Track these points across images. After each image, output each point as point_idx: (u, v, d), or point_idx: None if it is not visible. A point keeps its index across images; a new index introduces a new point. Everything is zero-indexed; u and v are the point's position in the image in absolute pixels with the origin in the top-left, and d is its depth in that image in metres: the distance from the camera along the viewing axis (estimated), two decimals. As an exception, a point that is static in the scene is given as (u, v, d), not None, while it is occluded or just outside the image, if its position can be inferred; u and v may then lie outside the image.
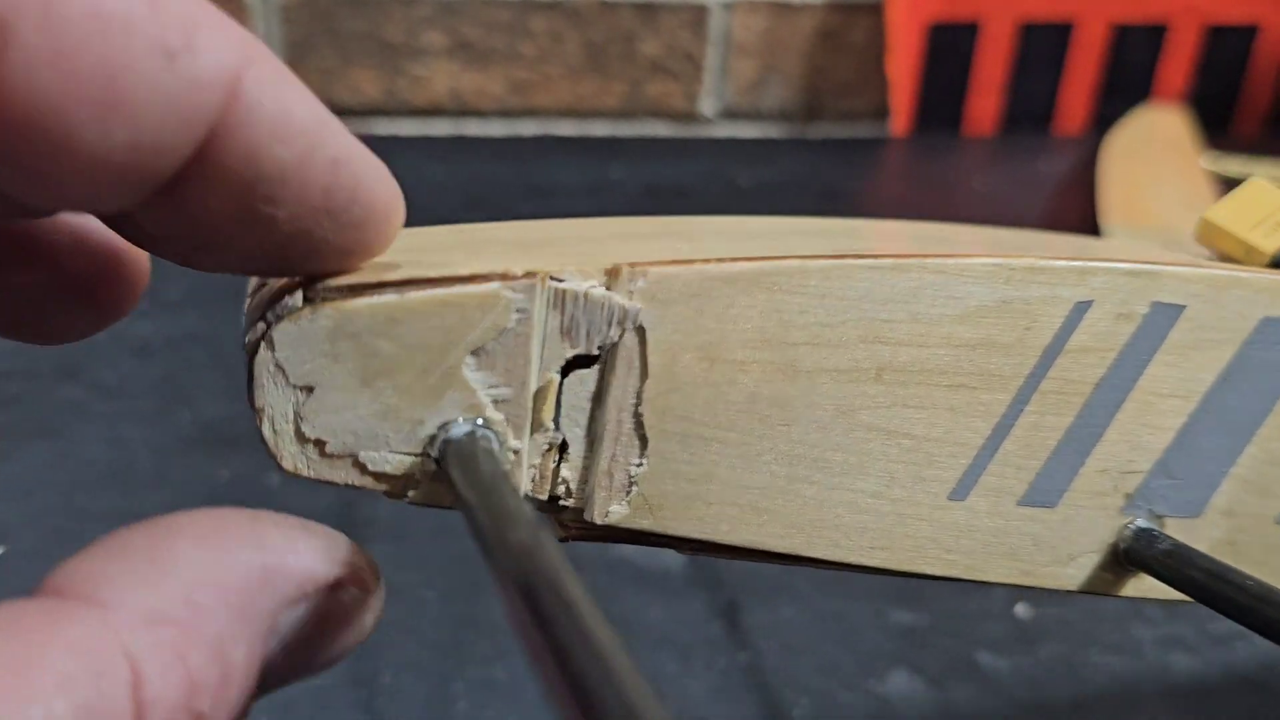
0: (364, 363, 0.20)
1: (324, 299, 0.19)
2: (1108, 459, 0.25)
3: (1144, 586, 0.26)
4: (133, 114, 0.16)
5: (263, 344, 0.19)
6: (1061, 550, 0.25)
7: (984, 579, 0.25)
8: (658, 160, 1.01)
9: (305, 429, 0.20)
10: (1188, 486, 0.25)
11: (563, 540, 0.22)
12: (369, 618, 0.19)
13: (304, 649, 0.18)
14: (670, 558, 0.46)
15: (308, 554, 0.18)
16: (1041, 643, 0.44)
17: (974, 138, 1.11)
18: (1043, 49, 1.07)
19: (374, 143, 0.22)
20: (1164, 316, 0.24)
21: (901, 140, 1.10)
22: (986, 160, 1.07)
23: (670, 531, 0.22)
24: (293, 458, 0.20)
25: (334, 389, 0.20)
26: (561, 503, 0.22)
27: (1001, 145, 1.10)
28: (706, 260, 0.21)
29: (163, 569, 0.17)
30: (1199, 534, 0.26)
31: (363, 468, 0.20)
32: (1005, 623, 0.45)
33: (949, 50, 1.06)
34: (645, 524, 0.22)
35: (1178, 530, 0.26)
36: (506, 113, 1.04)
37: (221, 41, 0.17)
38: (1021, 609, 0.46)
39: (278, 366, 0.19)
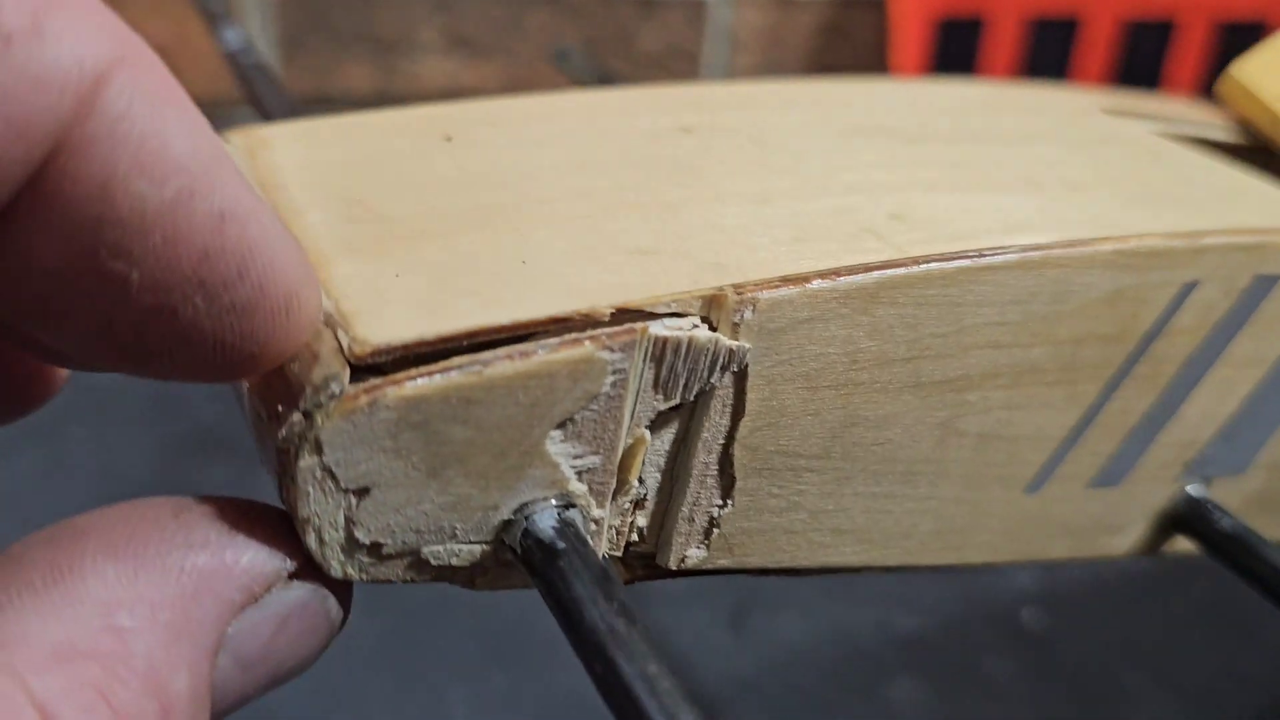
0: (433, 452, 0.15)
1: (380, 380, 0.15)
2: (1177, 434, 0.23)
3: (1182, 546, 0.25)
4: None
5: (306, 447, 0.15)
6: (1115, 522, 0.24)
7: (1042, 558, 0.23)
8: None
9: (359, 535, 0.16)
10: (1240, 448, 0.24)
11: (628, 583, 0.19)
12: (337, 611, 0.16)
13: (263, 659, 0.15)
14: None
15: (253, 546, 0.15)
16: (1047, 649, 0.43)
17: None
18: (1050, 45, 0.99)
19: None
20: (1260, 288, 0.22)
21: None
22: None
23: (747, 565, 0.20)
24: (343, 566, 0.16)
25: (395, 487, 0.15)
26: (631, 548, 0.19)
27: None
28: (823, 275, 0.17)
29: (70, 589, 0.13)
30: (1238, 488, 0.25)
31: (424, 564, 0.16)
32: (1011, 629, 0.44)
33: (955, 46, 0.97)
34: (723, 563, 0.19)
35: (1220, 487, 0.24)
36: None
37: (83, 29, 0.12)
38: (1027, 615, 0.45)
39: (326, 471, 0.15)
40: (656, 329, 0.16)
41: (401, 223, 0.18)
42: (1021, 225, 0.20)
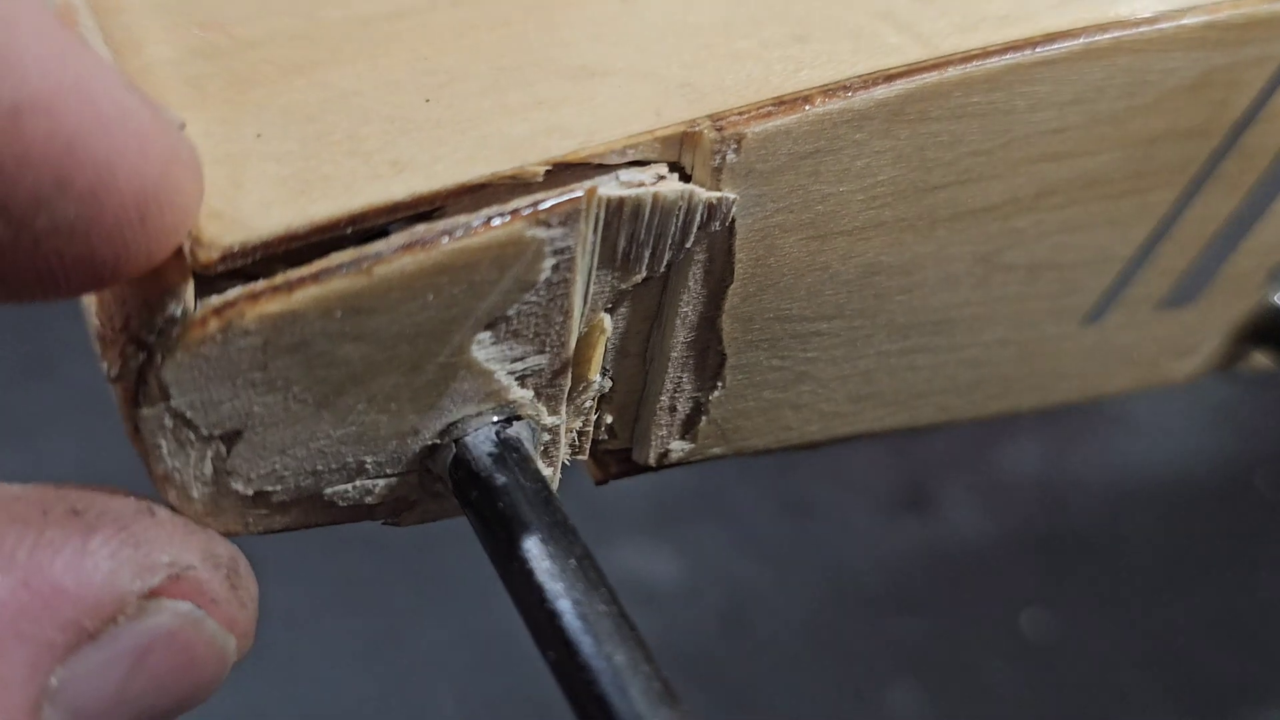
0: (319, 378, 0.11)
1: (235, 294, 0.11)
2: (1264, 237, 0.19)
3: (1257, 362, 0.21)
4: None
5: (145, 392, 0.11)
6: (1185, 344, 0.20)
7: (1099, 395, 0.19)
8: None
9: (237, 486, 0.12)
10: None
11: (600, 483, 0.16)
12: (223, 634, 0.12)
13: (116, 709, 0.11)
14: (666, 565, 0.40)
15: (105, 556, 0.11)
16: (1046, 654, 0.40)
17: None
18: None
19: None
20: None
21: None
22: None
23: (745, 450, 0.16)
24: (225, 523, 0.12)
25: (275, 425, 0.12)
26: (603, 446, 0.15)
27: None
28: (829, 92, 0.13)
29: None
30: None
31: (330, 507, 0.13)
32: (1009, 633, 0.41)
33: None
34: (715, 451, 0.16)
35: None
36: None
37: None
38: (1026, 619, 0.41)
39: (178, 419, 0.11)
40: (608, 188, 0.12)
41: (264, 50, 0.13)
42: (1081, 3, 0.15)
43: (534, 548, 0.12)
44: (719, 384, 0.15)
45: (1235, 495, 0.44)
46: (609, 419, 0.15)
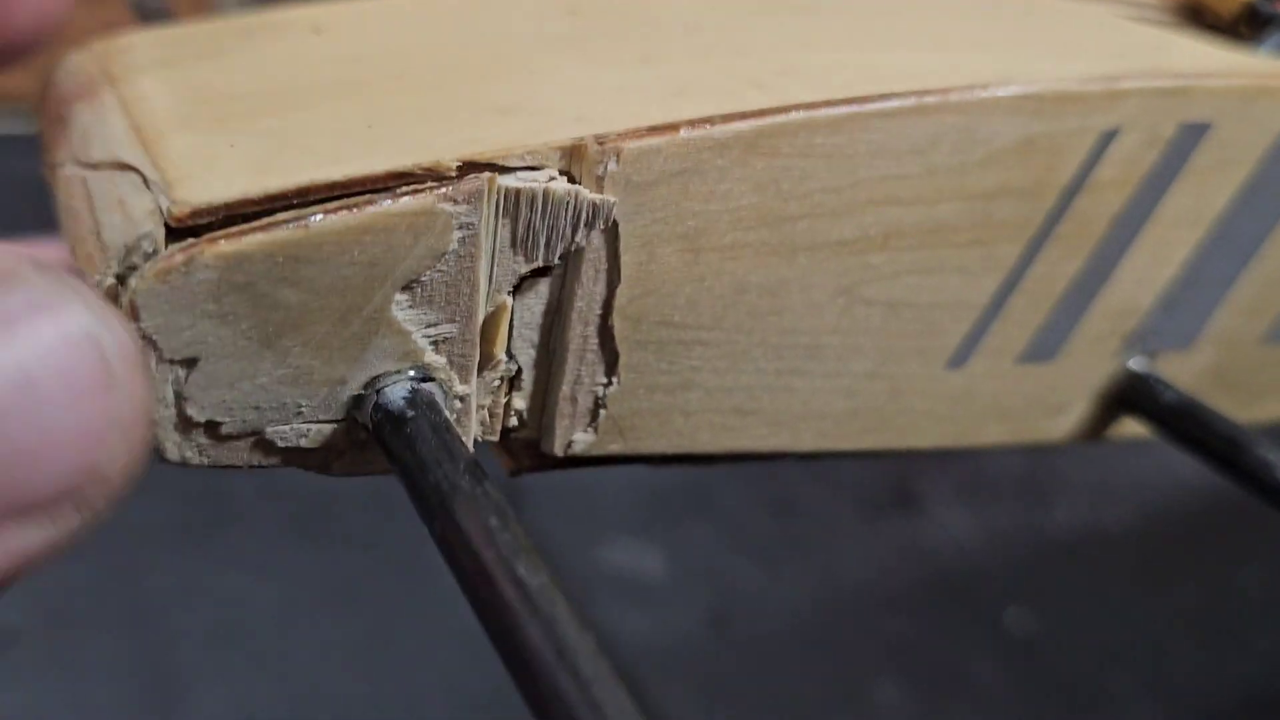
0: (263, 318, 0.14)
1: (197, 239, 0.14)
2: (1113, 301, 0.21)
3: (1127, 430, 0.23)
4: None
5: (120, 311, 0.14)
6: (1053, 402, 0.22)
7: (974, 444, 0.22)
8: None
9: (191, 411, 0.14)
10: (1184, 318, 0.23)
11: (514, 474, 0.18)
12: (119, 345, 0.12)
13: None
14: (654, 564, 0.42)
15: None
16: (1030, 651, 0.42)
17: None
18: None
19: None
20: (1189, 138, 0.20)
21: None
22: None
23: (643, 451, 0.18)
24: (178, 448, 0.15)
25: (225, 357, 0.14)
26: (514, 435, 0.18)
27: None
28: (692, 123, 0.16)
29: None
30: (1187, 365, 0.23)
31: (270, 446, 0.15)
32: (994, 631, 0.43)
33: None
34: (614, 448, 0.18)
35: (1168, 364, 0.23)
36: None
37: None
38: (1010, 617, 0.44)
39: (146, 340, 0.14)
40: (507, 181, 0.15)
41: (246, 100, 0.16)
42: (920, 76, 0.18)
43: (446, 478, 0.14)
44: (614, 379, 0.17)
45: (1215, 495, 0.44)
46: (519, 405, 0.17)
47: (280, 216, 0.14)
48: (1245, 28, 0.27)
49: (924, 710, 0.40)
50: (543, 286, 0.16)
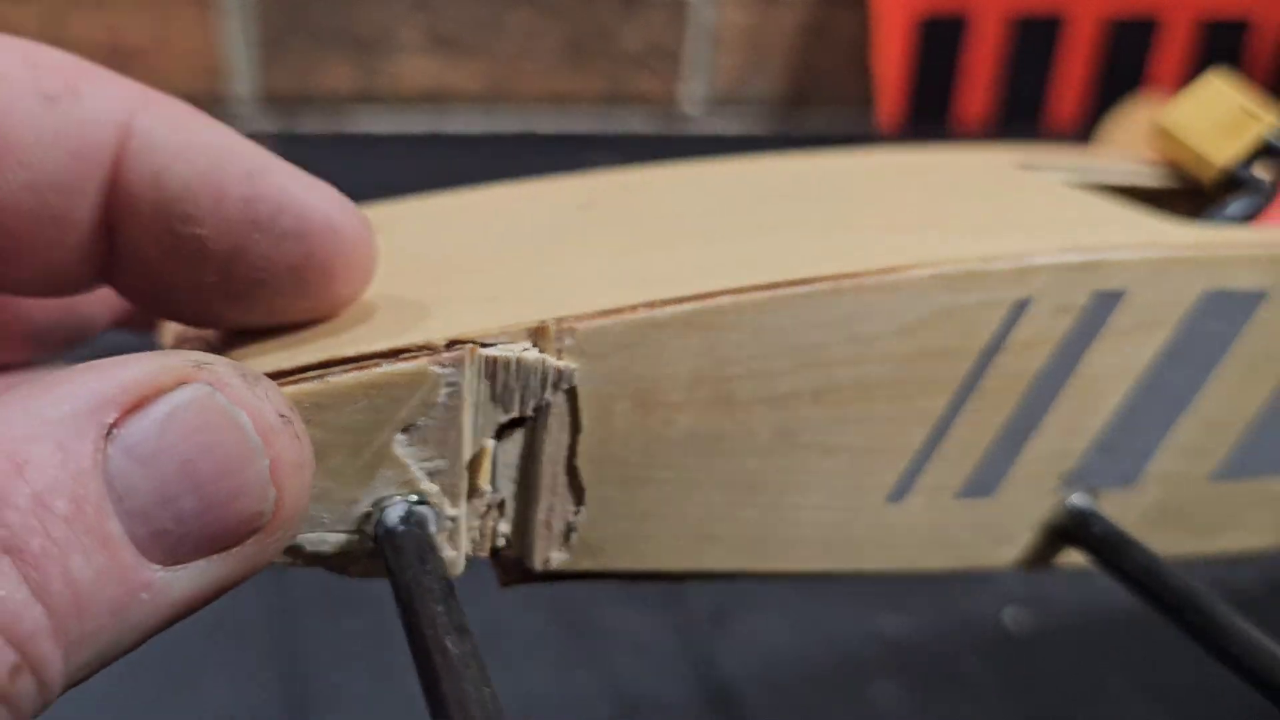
0: None
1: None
2: (1045, 445, 0.25)
3: (1074, 560, 0.26)
4: (21, 153, 0.17)
5: None
6: (998, 533, 0.25)
7: (923, 570, 0.25)
8: (638, 156, 0.96)
9: None
10: (1124, 459, 0.26)
11: (505, 585, 0.22)
12: (239, 416, 0.16)
13: (161, 450, 0.15)
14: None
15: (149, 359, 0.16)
16: (1029, 651, 0.44)
17: (964, 133, 1.04)
18: (1033, 44, 1.01)
19: (349, 138, 0.20)
20: (1104, 304, 0.24)
21: (890, 135, 1.02)
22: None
23: (614, 569, 0.22)
24: None
25: None
26: (502, 553, 0.22)
27: (992, 141, 1.05)
28: (634, 308, 0.20)
29: None
30: (1133, 502, 0.26)
31: (298, 550, 0.20)
32: (992, 631, 0.45)
33: (938, 45, 1.00)
34: (587, 565, 0.22)
35: (1112, 500, 0.26)
36: (484, 108, 0.98)
37: (108, 88, 0.18)
38: (1009, 616, 0.45)
39: None
40: (487, 350, 0.19)
41: None
42: (848, 258, 0.22)
43: (414, 577, 0.19)
44: (582, 509, 0.21)
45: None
46: (504, 529, 0.21)
47: (308, 374, 0.19)
48: (1222, 191, 0.30)
49: (920, 708, 0.42)
50: (519, 434, 0.21)
